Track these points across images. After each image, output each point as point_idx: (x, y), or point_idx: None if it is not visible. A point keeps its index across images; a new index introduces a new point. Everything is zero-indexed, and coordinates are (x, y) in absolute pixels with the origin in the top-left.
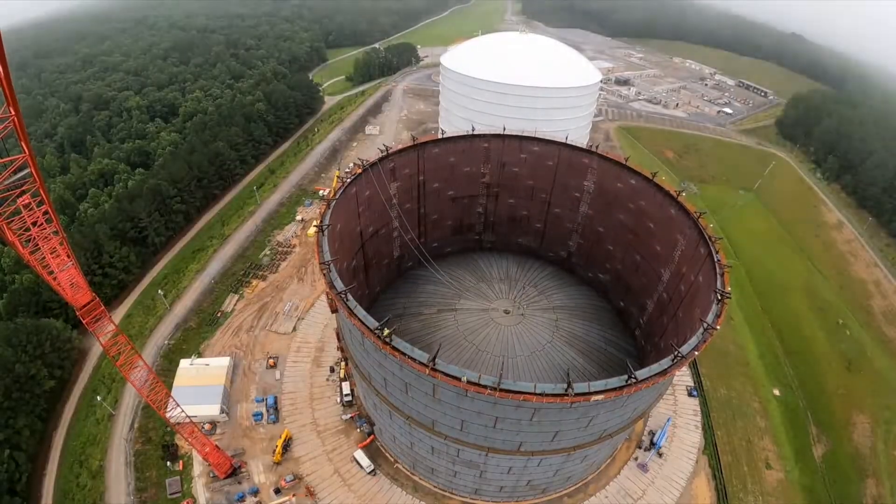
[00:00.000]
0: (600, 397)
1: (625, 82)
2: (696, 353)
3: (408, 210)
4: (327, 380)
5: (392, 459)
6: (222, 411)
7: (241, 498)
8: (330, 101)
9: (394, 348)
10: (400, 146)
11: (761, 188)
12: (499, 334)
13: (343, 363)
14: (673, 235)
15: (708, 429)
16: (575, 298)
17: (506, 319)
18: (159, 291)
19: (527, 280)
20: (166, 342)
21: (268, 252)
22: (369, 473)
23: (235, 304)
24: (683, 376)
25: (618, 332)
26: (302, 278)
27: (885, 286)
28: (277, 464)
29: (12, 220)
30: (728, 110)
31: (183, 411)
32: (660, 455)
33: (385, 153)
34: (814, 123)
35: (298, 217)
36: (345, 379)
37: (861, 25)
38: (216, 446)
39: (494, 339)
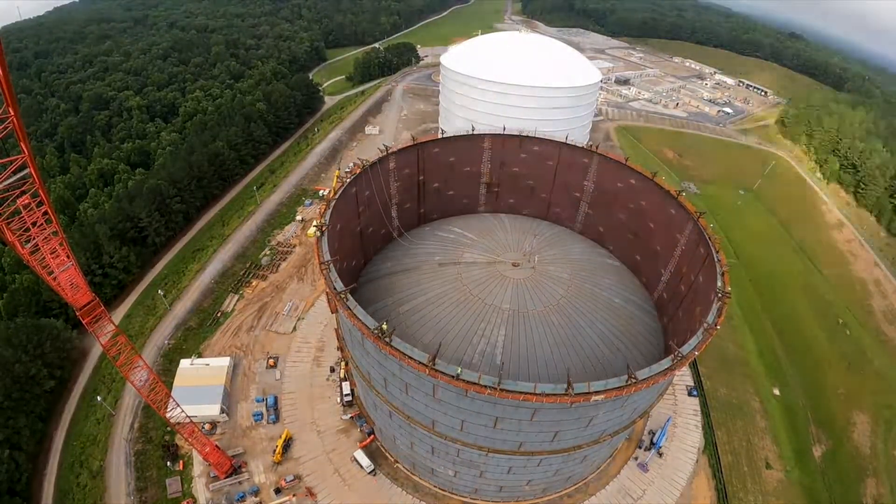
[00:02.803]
0: (600, 397)
1: (625, 82)
2: (696, 353)
3: (408, 210)
4: (327, 380)
5: (392, 459)
6: (222, 411)
7: (242, 498)
8: (330, 101)
9: (394, 348)
10: (400, 146)
11: (761, 188)
12: (508, 288)
13: (343, 363)
14: (673, 235)
15: (708, 429)
16: (587, 254)
17: (515, 272)
18: (159, 291)
19: (534, 234)
20: (166, 342)
21: (268, 252)
22: (369, 473)
23: (235, 304)
24: (683, 376)
25: (634, 288)
26: (302, 278)
27: (885, 286)
28: (277, 464)
29: (12, 221)
30: (728, 110)
31: (183, 411)
32: (660, 455)
33: (385, 153)
34: (814, 123)
35: (298, 217)
36: (345, 379)
37: (861, 25)
38: (216, 446)
39: (504, 292)
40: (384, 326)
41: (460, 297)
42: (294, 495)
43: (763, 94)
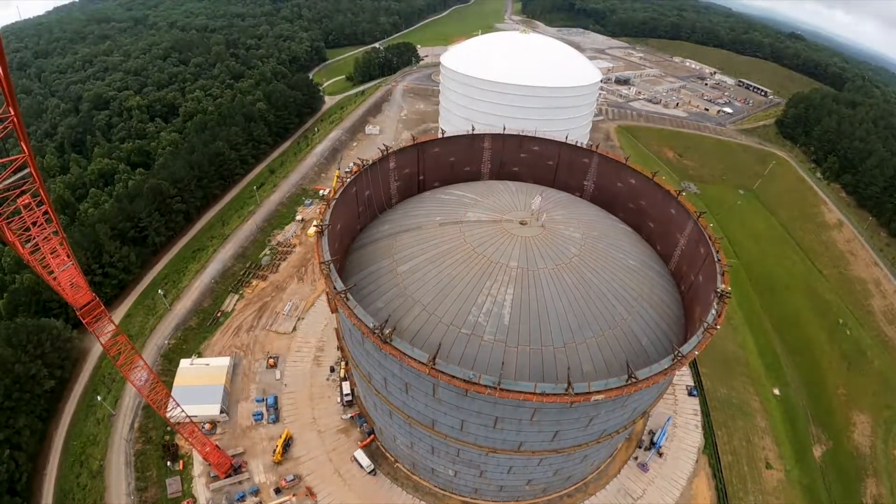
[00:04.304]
0: (600, 397)
1: (625, 82)
2: (696, 352)
3: None
4: (327, 380)
5: (392, 459)
6: (222, 411)
7: (242, 498)
8: (330, 101)
9: (394, 348)
10: (400, 146)
11: (761, 188)
12: (516, 246)
13: (343, 363)
14: (673, 235)
15: (708, 428)
16: (598, 217)
17: (523, 230)
18: (159, 291)
19: (542, 196)
20: (166, 342)
21: (268, 252)
22: (369, 473)
23: (235, 304)
24: (683, 376)
25: (649, 252)
26: (302, 278)
27: (885, 286)
28: (278, 463)
29: (12, 220)
30: (728, 110)
31: (183, 411)
32: (660, 455)
33: (385, 153)
34: (814, 123)
35: (298, 217)
36: (345, 379)
37: (861, 24)
38: (216, 446)
39: (511, 250)
40: (386, 331)
41: (463, 256)
42: (294, 495)
43: (763, 93)
